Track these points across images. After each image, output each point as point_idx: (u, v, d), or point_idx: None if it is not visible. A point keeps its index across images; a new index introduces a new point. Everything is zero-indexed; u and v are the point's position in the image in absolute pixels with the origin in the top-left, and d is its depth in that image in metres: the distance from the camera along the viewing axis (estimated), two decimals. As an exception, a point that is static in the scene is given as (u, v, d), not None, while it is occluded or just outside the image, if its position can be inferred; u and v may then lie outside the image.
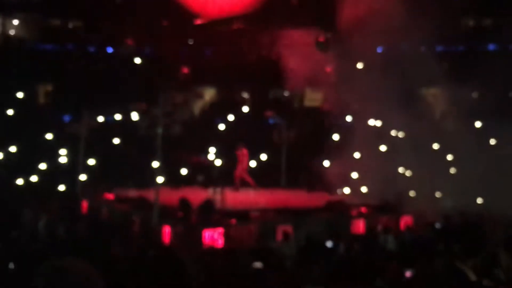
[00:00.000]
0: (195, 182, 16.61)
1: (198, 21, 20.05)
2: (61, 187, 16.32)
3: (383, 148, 16.97)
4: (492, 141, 16.76)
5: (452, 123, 17.91)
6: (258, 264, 7.30)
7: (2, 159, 16.56)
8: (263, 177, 17.61)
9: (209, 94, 20.37)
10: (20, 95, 18.40)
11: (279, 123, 18.89)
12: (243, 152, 16.33)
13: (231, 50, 19.30)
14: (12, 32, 19.97)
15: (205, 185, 15.46)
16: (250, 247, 10.07)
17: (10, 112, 17.79)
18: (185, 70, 20.44)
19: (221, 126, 18.37)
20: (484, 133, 16.73)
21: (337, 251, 9.31)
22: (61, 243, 10.21)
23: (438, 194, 15.46)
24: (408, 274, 7.40)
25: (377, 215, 13.66)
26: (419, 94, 19.46)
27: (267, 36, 19.33)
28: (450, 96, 18.93)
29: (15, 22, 19.88)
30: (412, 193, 15.45)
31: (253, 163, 18.12)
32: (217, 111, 19.79)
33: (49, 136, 17.33)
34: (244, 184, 16.38)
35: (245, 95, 20.37)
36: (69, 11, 20.03)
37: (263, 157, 18.18)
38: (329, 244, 9.94)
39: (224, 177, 15.22)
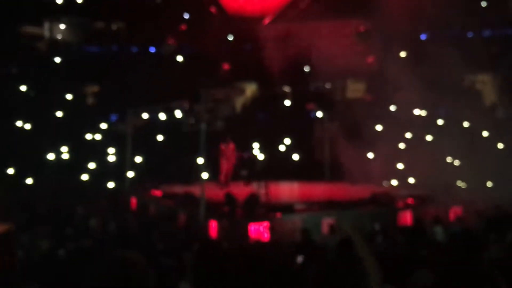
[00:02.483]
0: (239, 177, 16.73)
1: (267, 20, 20.11)
2: (110, 185, 16.79)
3: (429, 137, 16.56)
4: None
5: (502, 110, 17.27)
6: (299, 258, 7.29)
7: (54, 159, 17.17)
8: (306, 171, 17.55)
9: (250, 89, 20.42)
10: (68, 97, 19.03)
11: (322, 116, 18.75)
12: (230, 147, 15.92)
13: (271, 45, 19.27)
14: (59, 36, 20.63)
15: (249, 179, 15.54)
16: (295, 241, 10.08)
17: (59, 113, 18.44)
18: (226, 66, 20.56)
19: (263, 121, 18.44)
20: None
21: (377, 244, 9.16)
22: (112, 239, 10.51)
23: (488, 184, 14.97)
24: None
25: (425, 206, 13.35)
26: (467, 81, 18.85)
27: (308, 28, 19.19)
28: (499, 82, 18.25)
29: (62, 26, 20.52)
30: (461, 183, 15.02)
31: (296, 157, 18.08)
32: (259, 105, 19.83)
33: (97, 135, 17.86)
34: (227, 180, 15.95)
35: (286, 88, 20.29)
36: (112, 13, 20.50)
37: (307, 150, 18.11)
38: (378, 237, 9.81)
39: (267, 171, 15.25)
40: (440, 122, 17.13)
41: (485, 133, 16.34)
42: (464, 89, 18.20)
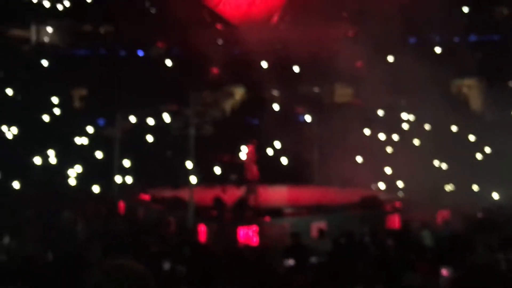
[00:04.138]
0: (228, 180, 16.68)
1: (275, 19, 19.85)
2: (98, 189, 16.66)
3: (417, 141, 16.70)
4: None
5: (489, 114, 17.48)
6: (290, 262, 7.31)
7: (41, 163, 17.00)
8: (296, 174, 17.58)
9: (239, 92, 20.42)
10: (56, 100, 18.86)
11: (311, 120, 18.80)
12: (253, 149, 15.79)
13: (260, 48, 19.28)
14: (46, 39, 20.47)
15: (239, 183, 15.51)
16: (284, 244, 10.08)
17: (46, 117, 18.27)
18: (215, 70, 20.54)
19: (252, 124, 18.44)
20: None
21: (369, 247, 9.21)
22: (100, 244, 10.41)
23: (475, 187, 15.12)
24: (444, 272, 7.24)
25: (413, 209, 13.42)
26: (454, 86, 19.05)
27: (297, 32, 19.23)
28: (485, 86, 18.47)
29: (49, 29, 20.37)
30: (448, 187, 15.16)
31: (285, 160, 18.09)
32: (247, 109, 19.83)
33: (84, 139, 17.71)
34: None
35: (275, 92, 20.32)
36: (100, 16, 20.39)
37: (296, 154, 18.12)
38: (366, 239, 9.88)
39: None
40: (427, 126, 17.28)
41: (472, 137, 16.51)
42: (451, 94, 18.40)
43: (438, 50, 18.54)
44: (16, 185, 16.23)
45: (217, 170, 16.96)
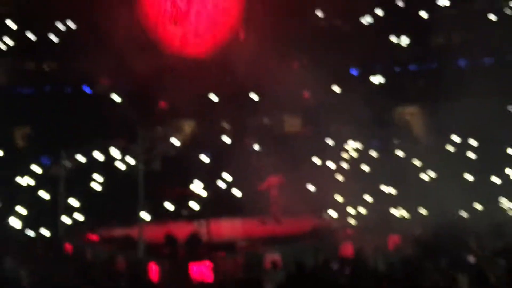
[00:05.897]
0: (179, 216, 16.44)
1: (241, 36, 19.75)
2: (43, 231, 16.01)
3: (365, 168, 17.10)
4: (471, 155, 17.04)
5: (430, 139, 18.19)
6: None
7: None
8: (248, 206, 17.52)
9: (188, 126, 20.34)
10: (-4, 140, 18.20)
11: (261, 150, 18.91)
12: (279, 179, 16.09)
13: (208, 81, 19.38)
14: (-14, 77, 19.87)
15: (190, 218, 15.31)
16: (238, 279, 9.96)
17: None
18: (163, 104, 20.42)
19: (203, 158, 18.36)
20: (462, 147, 17.03)
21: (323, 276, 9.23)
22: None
23: (423, 211, 15.55)
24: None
25: (365, 236, 13.60)
26: (396, 113, 19.73)
27: (244, 64, 19.47)
28: (427, 113, 19.25)
29: (-11, 68, 19.81)
30: (397, 211, 15.53)
31: (238, 192, 18.06)
32: (198, 143, 19.75)
33: (28, 179, 17.08)
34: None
35: (225, 124, 20.37)
36: (44, 53, 20.04)
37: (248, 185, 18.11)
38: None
39: (208, 210, 15.11)
40: (373, 153, 17.75)
41: (416, 162, 17.07)
42: (394, 121, 19.05)
43: (381, 79, 19.24)
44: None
45: (169, 205, 16.71)
